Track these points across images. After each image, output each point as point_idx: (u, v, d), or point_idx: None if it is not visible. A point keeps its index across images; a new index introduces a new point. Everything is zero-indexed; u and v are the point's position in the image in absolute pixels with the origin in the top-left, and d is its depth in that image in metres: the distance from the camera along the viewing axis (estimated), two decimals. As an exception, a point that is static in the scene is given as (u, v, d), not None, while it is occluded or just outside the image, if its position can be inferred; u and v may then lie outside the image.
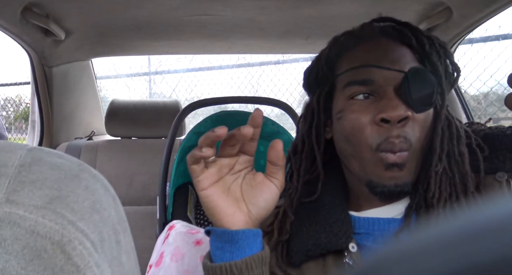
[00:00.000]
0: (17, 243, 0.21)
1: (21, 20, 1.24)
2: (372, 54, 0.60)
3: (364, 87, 0.59)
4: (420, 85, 0.57)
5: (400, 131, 0.57)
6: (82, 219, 0.24)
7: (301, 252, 0.62)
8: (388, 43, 0.61)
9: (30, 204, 0.22)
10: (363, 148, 0.59)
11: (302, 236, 0.63)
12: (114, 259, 0.25)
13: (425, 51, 0.60)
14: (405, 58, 0.59)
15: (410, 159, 0.57)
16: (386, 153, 0.57)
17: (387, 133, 0.57)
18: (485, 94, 2.54)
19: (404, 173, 0.58)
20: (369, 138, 0.58)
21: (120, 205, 0.29)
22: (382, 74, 0.58)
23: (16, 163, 0.24)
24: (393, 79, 0.58)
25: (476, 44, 2.32)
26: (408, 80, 0.57)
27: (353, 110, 0.60)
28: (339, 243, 0.60)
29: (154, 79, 3.96)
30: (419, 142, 0.58)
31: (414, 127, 0.57)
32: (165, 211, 1.16)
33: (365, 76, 0.59)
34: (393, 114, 0.56)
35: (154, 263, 0.95)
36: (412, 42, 0.60)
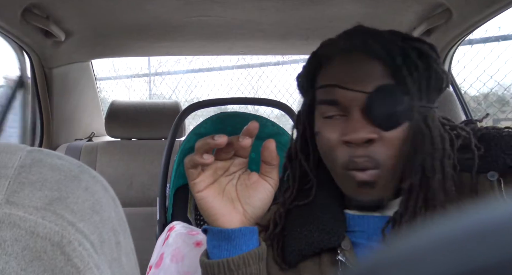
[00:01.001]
0: (17, 244, 0.21)
1: (21, 22, 1.24)
2: (339, 73, 0.60)
3: (332, 107, 0.60)
4: (385, 104, 0.56)
5: (365, 152, 0.57)
6: (82, 220, 0.24)
7: (295, 252, 0.62)
8: (358, 59, 0.60)
9: (30, 205, 0.22)
10: (336, 166, 0.60)
11: (296, 236, 0.63)
12: (114, 260, 0.25)
13: (396, 64, 0.58)
14: (373, 76, 0.58)
15: (381, 176, 0.58)
16: (354, 171, 0.58)
17: (351, 153, 0.58)
18: (485, 95, 2.54)
19: (377, 190, 0.58)
20: (339, 157, 0.59)
21: (120, 206, 0.29)
22: (346, 95, 0.58)
23: (16, 164, 0.24)
24: (357, 99, 0.58)
25: (476, 45, 2.32)
26: (373, 101, 0.57)
27: (325, 130, 0.61)
28: (331, 241, 0.61)
29: (154, 81, 3.96)
30: (391, 159, 0.57)
31: (382, 146, 0.57)
32: (165, 212, 1.16)
33: (331, 97, 0.60)
34: (355, 137, 0.56)
35: (154, 264, 0.94)
36: (382, 55, 0.58)
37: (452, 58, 1.57)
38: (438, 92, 0.62)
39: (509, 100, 2.59)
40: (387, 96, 0.57)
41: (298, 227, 0.64)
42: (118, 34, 1.49)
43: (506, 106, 2.59)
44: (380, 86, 0.57)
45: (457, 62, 2.19)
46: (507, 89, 2.46)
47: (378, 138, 0.57)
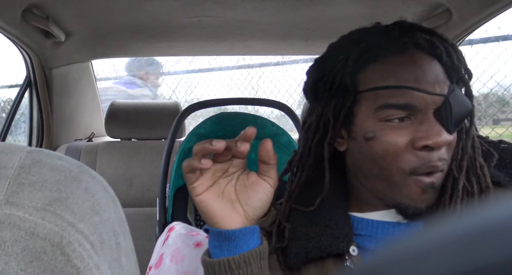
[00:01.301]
0: (17, 244, 0.21)
1: (21, 22, 1.24)
2: (408, 73, 0.55)
3: (403, 111, 0.55)
4: (459, 107, 0.55)
5: (442, 155, 0.55)
6: (81, 221, 0.24)
7: (300, 255, 0.60)
8: (421, 58, 0.56)
9: (30, 205, 0.22)
10: (394, 171, 0.56)
11: (301, 238, 0.61)
12: (113, 260, 0.25)
13: (453, 64, 0.56)
14: (441, 77, 0.56)
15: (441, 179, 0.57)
16: (421, 176, 0.55)
17: (427, 158, 0.55)
18: (485, 95, 2.54)
19: (436, 193, 0.57)
20: (404, 162, 0.55)
21: (120, 207, 0.29)
22: (423, 98, 0.55)
23: (16, 165, 0.24)
24: (433, 103, 0.55)
25: (476, 45, 2.32)
26: (449, 104, 0.55)
27: (388, 133, 0.56)
28: (340, 246, 0.59)
29: (154, 81, 3.96)
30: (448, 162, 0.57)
31: (449, 149, 0.57)
32: (165, 213, 1.16)
33: (406, 100, 0.55)
34: (439, 141, 0.54)
35: (154, 265, 0.94)
36: (443, 55, 0.56)
37: (452, 59, 1.56)
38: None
39: (509, 100, 2.59)
40: (459, 100, 0.56)
41: (303, 228, 0.62)
42: (118, 34, 1.49)
43: (506, 106, 2.59)
44: (453, 90, 0.56)
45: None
46: (507, 89, 2.46)
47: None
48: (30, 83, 1.66)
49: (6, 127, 1.66)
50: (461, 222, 0.14)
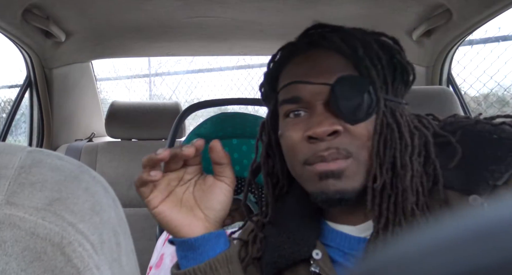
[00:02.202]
0: (17, 245, 0.21)
1: (22, 22, 1.24)
2: (299, 70, 0.58)
3: (294, 105, 0.57)
4: (349, 96, 0.54)
5: (330, 144, 0.54)
6: (82, 221, 0.24)
7: (270, 265, 0.61)
8: (317, 54, 0.58)
9: (30, 206, 0.22)
10: (295, 164, 0.58)
11: (270, 248, 0.62)
12: (114, 261, 0.25)
13: (358, 56, 0.55)
14: (334, 68, 0.56)
15: (350, 166, 0.54)
16: (312, 165, 0.55)
17: (314, 148, 0.54)
18: (485, 95, 2.54)
19: (344, 182, 0.54)
20: (298, 154, 0.56)
21: (120, 207, 0.29)
22: (308, 89, 0.56)
23: (16, 165, 0.24)
24: (320, 93, 0.55)
25: (476, 45, 2.32)
26: (335, 92, 0.54)
27: (287, 129, 0.58)
28: (302, 252, 0.58)
29: (154, 81, 3.97)
30: (363, 150, 0.54)
31: (350, 138, 0.54)
32: (165, 213, 1.16)
33: (293, 94, 0.57)
34: (318, 131, 0.53)
35: (154, 265, 0.94)
36: (342, 48, 0.56)
37: (452, 59, 1.57)
38: (405, 86, 0.60)
39: (509, 101, 2.59)
40: (350, 88, 0.54)
41: (273, 238, 0.62)
42: (118, 34, 1.49)
43: (506, 107, 2.59)
44: (342, 76, 0.55)
45: (457, 63, 2.19)
46: (507, 90, 2.46)
47: (343, 130, 0.54)
48: (30, 84, 1.66)
49: (6, 127, 1.66)
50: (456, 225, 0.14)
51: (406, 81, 0.59)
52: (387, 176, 0.54)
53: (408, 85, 0.60)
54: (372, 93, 0.55)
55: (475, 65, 2.31)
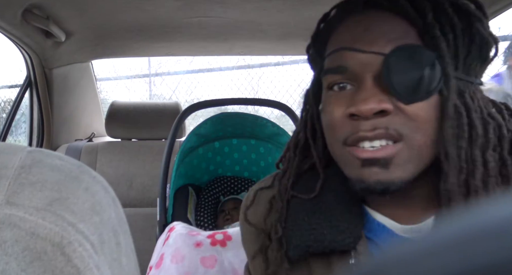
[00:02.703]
0: (17, 245, 0.21)
1: (22, 22, 1.24)
2: (350, 34, 0.48)
3: (339, 76, 0.48)
4: (406, 69, 0.45)
5: (377, 123, 0.45)
6: (82, 221, 0.24)
7: (300, 247, 0.52)
8: (374, 16, 0.48)
9: (30, 206, 0.22)
10: (334, 144, 0.50)
11: (301, 228, 0.52)
12: (114, 261, 0.25)
13: (426, 21, 0.45)
14: (392, 35, 0.46)
15: (401, 153, 0.45)
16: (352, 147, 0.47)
17: (357, 126, 0.46)
18: (485, 95, 2.54)
19: (391, 172, 0.46)
20: (338, 133, 0.48)
21: (120, 207, 0.29)
22: (357, 58, 0.47)
23: (16, 165, 0.24)
24: (371, 64, 0.46)
25: (476, 45, 2.32)
26: (389, 64, 0.45)
27: (329, 103, 0.50)
28: (345, 243, 0.50)
29: (154, 81, 3.97)
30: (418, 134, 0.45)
31: (404, 120, 0.45)
32: (165, 213, 1.16)
33: (338, 63, 0.48)
34: (363, 108, 0.45)
35: (155, 265, 0.94)
36: (408, 10, 0.46)
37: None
38: (482, 63, 0.49)
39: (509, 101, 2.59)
40: (410, 60, 0.45)
41: (306, 216, 0.53)
42: (118, 34, 1.49)
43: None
44: (400, 46, 0.45)
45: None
46: (507, 89, 2.46)
47: (394, 109, 0.45)
48: (30, 84, 1.66)
49: (6, 127, 1.66)
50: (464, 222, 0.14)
51: (485, 57, 0.49)
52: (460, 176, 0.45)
53: (487, 63, 0.49)
54: (437, 69, 0.45)
55: (475, 65, 2.31)
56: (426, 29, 0.46)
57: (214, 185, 1.29)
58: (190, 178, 1.26)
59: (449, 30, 0.46)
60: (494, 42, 0.48)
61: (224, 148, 1.26)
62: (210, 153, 1.26)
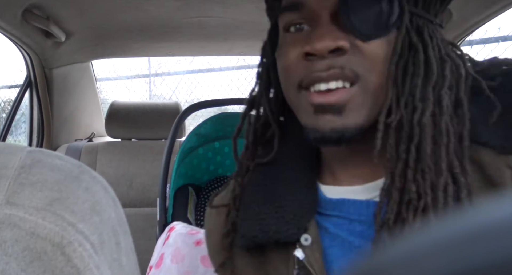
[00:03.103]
0: (17, 245, 0.21)
1: (22, 22, 1.24)
2: None
3: (295, 13, 0.46)
4: (362, 4, 0.43)
5: (333, 63, 0.43)
6: (82, 221, 0.24)
7: (247, 237, 0.50)
8: None
9: (30, 205, 0.22)
10: (289, 89, 0.48)
11: (250, 217, 0.51)
12: (114, 261, 0.25)
13: None
14: None
15: (355, 96, 0.43)
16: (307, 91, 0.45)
17: (312, 66, 0.44)
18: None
19: (345, 118, 0.44)
20: (294, 75, 0.46)
21: (120, 207, 0.29)
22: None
23: (16, 165, 0.24)
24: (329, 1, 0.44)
25: (476, 45, 2.32)
26: (345, 1, 0.43)
27: (285, 45, 0.47)
28: (288, 233, 0.48)
29: (154, 81, 3.97)
30: (374, 75, 0.43)
31: (359, 58, 0.43)
32: (165, 213, 1.16)
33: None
34: (318, 46, 0.42)
35: (155, 265, 0.94)
36: None
37: (452, 59, 1.56)
38: (442, 1, 0.47)
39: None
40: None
41: (256, 206, 0.51)
42: (118, 34, 1.49)
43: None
44: None
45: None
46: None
47: (351, 47, 0.43)
48: (30, 84, 1.66)
49: (6, 127, 1.66)
50: (461, 221, 0.14)
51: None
52: (406, 110, 0.43)
53: (446, 2, 0.47)
54: (395, 4, 0.43)
55: (475, 65, 2.30)
56: None
57: (214, 185, 1.29)
58: (190, 178, 1.26)
59: None
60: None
61: (224, 148, 1.26)
62: (210, 153, 1.26)
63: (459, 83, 0.44)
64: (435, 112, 0.42)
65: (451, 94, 0.43)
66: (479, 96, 0.44)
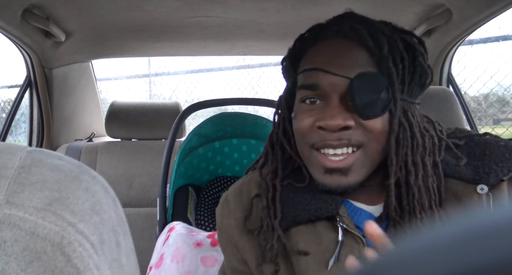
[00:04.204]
0: (17, 245, 0.21)
1: (22, 22, 1.24)
2: (323, 57, 0.59)
3: (311, 92, 0.59)
4: (366, 92, 0.55)
5: (342, 136, 0.56)
6: (82, 221, 0.24)
7: (287, 218, 0.61)
8: (343, 45, 0.59)
9: (30, 205, 0.22)
10: (303, 146, 0.60)
11: (288, 202, 0.62)
12: (114, 261, 0.25)
13: (382, 54, 0.56)
14: (356, 62, 0.57)
15: (358, 160, 0.57)
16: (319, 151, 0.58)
17: (323, 136, 0.57)
18: (485, 95, 2.54)
19: (349, 178, 0.57)
20: (307, 138, 0.59)
21: (120, 207, 0.29)
22: (328, 79, 0.57)
23: (16, 165, 0.24)
24: (338, 85, 0.56)
25: (476, 45, 2.32)
26: (353, 87, 0.55)
27: (301, 113, 0.60)
28: (330, 209, 0.60)
29: (154, 81, 3.96)
30: (375, 143, 0.57)
31: (362, 133, 0.56)
32: (165, 213, 1.16)
33: (312, 81, 0.58)
34: (330, 124, 0.55)
35: (155, 265, 0.94)
36: (369, 43, 0.57)
37: (452, 59, 1.56)
38: (421, 88, 0.61)
39: (509, 100, 2.59)
40: (368, 84, 0.56)
41: (291, 193, 0.63)
42: (118, 34, 1.49)
43: (506, 106, 2.59)
44: (362, 73, 0.56)
45: (457, 63, 2.18)
46: (507, 89, 2.46)
47: (355, 126, 0.56)
48: (30, 83, 1.66)
49: (6, 127, 1.66)
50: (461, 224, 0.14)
51: (423, 84, 0.61)
52: (401, 173, 0.57)
53: (424, 88, 0.62)
54: (390, 93, 0.56)
55: (475, 65, 2.31)
56: (382, 60, 0.57)
57: (214, 185, 1.29)
58: (190, 178, 1.26)
59: (399, 62, 0.57)
60: (430, 72, 0.60)
61: (224, 148, 1.26)
62: (210, 153, 1.26)
63: (435, 150, 0.59)
64: (423, 175, 0.57)
65: (430, 159, 0.58)
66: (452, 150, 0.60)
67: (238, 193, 0.69)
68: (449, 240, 0.14)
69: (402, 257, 0.15)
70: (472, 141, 0.61)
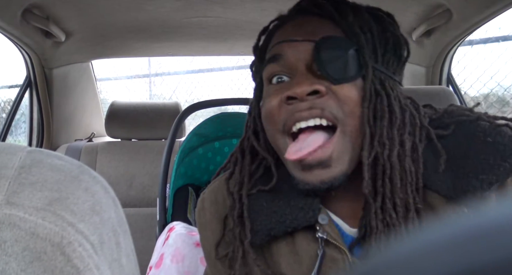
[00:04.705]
0: (17, 245, 0.21)
1: (22, 22, 1.24)
2: (286, 32, 0.56)
3: (276, 65, 0.54)
4: (332, 54, 0.51)
5: (313, 104, 0.50)
6: (82, 221, 0.24)
7: (262, 232, 0.55)
8: (306, 20, 0.56)
9: (30, 205, 0.22)
10: (274, 134, 0.55)
11: (262, 213, 0.55)
12: (114, 261, 0.25)
13: (347, 22, 0.53)
14: (321, 30, 0.53)
15: (337, 147, 0.50)
16: (297, 135, 0.52)
17: (294, 108, 0.51)
18: (485, 95, 2.54)
19: (332, 168, 0.51)
20: (277, 119, 0.53)
21: (120, 207, 0.29)
22: (292, 48, 0.53)
23: (16, 165, 0.24)
24: (303, 51, 0.53)
25: (476, 45, 2.32)
26: (319, 50, 0.51)
27: (268, 95, 0.55)
28: (306, 217, 0.53)
29: (154, 81, 3.96)
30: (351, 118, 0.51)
31: (337, 102, 0.51)
32: (165, 213, 1.16)
33: (275, 52, 0.55)
34: (297, 90, 0.50)
35: (154, 265, 0.94)
36: (333, 14, 0.54)
37: (452, 59, 1.57)
38: (398, 60, 0.57)
39: (509, 101, 2.59)
40: (335, 46, 0.52)
41: (265, 202, 0.56)
42: (118, 34, 1.49)
43: (506, 106, 2.59)
44: (328, 36, 0.52)
45: (457, 63, 2.18)
46: (507, 90, 2.46)
47: (326, 91, 0.51)
48: (30, 84, 1.66)
49: (6, 127, 1.66)
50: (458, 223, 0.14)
51: (400, 56, 0.57)
52: (379, 148, 0.51)
53: (402, 61, 0.57)
54: (360, 58, 0.52)
55: (475, 65, 2.31)
56: (348, 26, 0.53)
57: (214, 185, 1.29)
58: (190, 178, 1.26)
59: (366, 30, 0.54)
60: (405, 42, 0.57)
61: (224, 148, 1.26)
62: (210, 153, 1.26)
63: (415, 131, 0.53)
64: (399, 153, 0.51)
65: (410, 139, 0.52)
66: (432, 141, 0.53)
67: (214, 200, 0.63)
68: (442, 241, 0.14)
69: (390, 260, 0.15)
70: (460, 129, 0.54)
